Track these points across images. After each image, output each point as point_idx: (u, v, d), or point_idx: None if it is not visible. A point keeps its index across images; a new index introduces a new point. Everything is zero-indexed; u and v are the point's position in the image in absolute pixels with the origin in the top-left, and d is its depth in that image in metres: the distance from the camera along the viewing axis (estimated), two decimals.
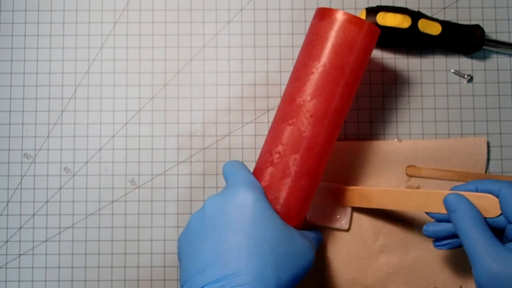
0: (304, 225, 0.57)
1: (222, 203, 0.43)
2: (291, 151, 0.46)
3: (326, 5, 0.59)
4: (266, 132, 0.59)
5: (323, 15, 0.48)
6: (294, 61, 0.59)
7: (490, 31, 0.59)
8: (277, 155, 0.47)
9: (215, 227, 0.42)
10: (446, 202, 0.45)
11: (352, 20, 0.46)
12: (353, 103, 0.58)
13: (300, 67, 0.48)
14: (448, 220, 0.46)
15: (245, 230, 0.41)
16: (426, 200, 0.48)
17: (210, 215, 0.43)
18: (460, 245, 0.46)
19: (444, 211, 0.46)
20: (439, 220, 0.47)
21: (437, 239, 0.48)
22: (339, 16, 0.46)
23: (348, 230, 0.56)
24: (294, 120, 0.46)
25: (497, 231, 0.44)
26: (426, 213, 0.48)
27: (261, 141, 0.58)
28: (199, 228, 0.43)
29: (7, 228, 0.58)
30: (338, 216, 0.56)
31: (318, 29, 0.48)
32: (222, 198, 0.44)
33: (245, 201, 0.43)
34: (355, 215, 0.57)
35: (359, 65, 0.47)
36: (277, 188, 0.46)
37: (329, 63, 0.46)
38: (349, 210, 0.56)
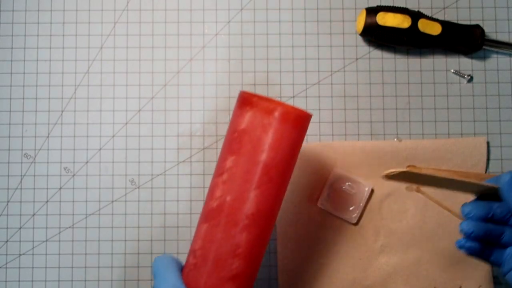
0: (313, 212, 0.57)
1: None
2: (211, 252, 0.42)
3: (326, 5, 0.59)
4: None
5: (242, 102, 0.43)
6: (294, 61, 0.59)
7: (490, 31, 0.59)
8: (199, 252, 0.43)
9: None
10: (501, 179, 0.44)
11: (269, 108, 0.41)
12: (353, 103, 0.59)
13: (220, 160, 0.44)
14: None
15: None
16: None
17: None
18: (481, 252, 0.45)
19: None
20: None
21: (463, 237, 0.46)
22: (255, 105, 0.42)
23: (356, 224, 0.57)
24: (213, 220, 0.42)
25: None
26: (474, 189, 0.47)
27: None
28: None
29: (7, 228, 0.58)
30: (351, 208, 0.56)
31: (235, 118, 0.44)
32: None
33: None
34: None
35: (283, 159, 0.42)
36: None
37: (246, 158, 0.41)
38: (362, 204, 0.56)
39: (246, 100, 0.43)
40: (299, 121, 0.43)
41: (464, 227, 0.44)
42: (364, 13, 0.56)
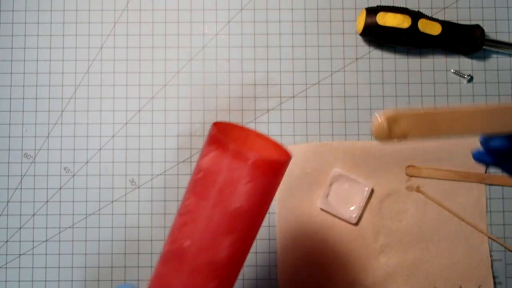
0: (313, 212, 0.57)
1: None
2: None
3: (326, 5, 0.59)
4: (266, 132, 0.59)
5: (211, 139, 0.38)
6: (294, 61, 0.59)
7: (490, 31, 0.59)
8: None
9: None
10: None
11: (240, 153, 0.37)
12: (353, 103, 0.59)
13: (184, 198, 0.40)
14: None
15: None
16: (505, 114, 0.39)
17: None
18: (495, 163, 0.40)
19: None
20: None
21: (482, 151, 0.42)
22: (225, 146, 0.37)
23: (356, 224, 0.57)
24: (172, 263, 0.39)
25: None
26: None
27: None
28: None
29: (7, 228, 0.58)
30: (351, 208, 0.56)
31: (202, 154, 0.39)
32: None
33: None
34: None
35: (251, 208, 0.38)
36: None
37: (210, 203, 0.37)
38: (362, 204, 0.56)
39: (215, 139, 0.38)
40: (273, 169, 0.38)
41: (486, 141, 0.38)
42: (364, 13, 0.56)
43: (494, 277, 0.56)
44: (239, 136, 0.42)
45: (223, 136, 0.38)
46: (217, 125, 0.40)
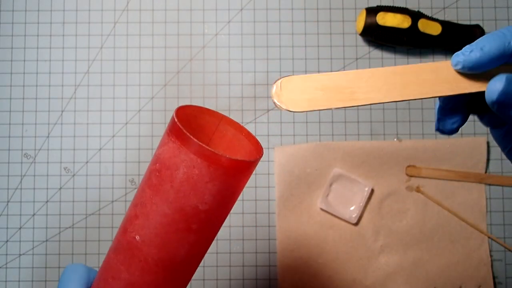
0: (313, 212, 0.57)
1: None
2: None
3: (326, 5, 0.59)
4: (266, 132, 0.59)
5: (171, 129, 0.34)
6: (294, 61, 0.59)
7: (490, 31, 0.59)
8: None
9: None
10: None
11: (200, 151, 0.32)
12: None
13: (139, 189, 0.36)
14: None
15: None
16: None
17: None
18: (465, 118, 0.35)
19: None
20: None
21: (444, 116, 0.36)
22: (185, 140, 0.33)
23: (356, 224, 0.57)
24: (121, 255, 0.36)
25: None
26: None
27: (261, 141, 0.58)
28: None
29: (7, 228, 0.58)
30: (351, 208, 0.56)
31: (160, 144, 0.36)
32: None
33: None
34: None
35: (210, 210, 0.35)
36: None
37: (164, 199, 0.34)
38: (362, 204, 0.56)
39: (175, 128, 0.34)
40: (240, 168, 0.34)
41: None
42: (364, 13, 0.56)
43: (494, 277, 0.56)
44: (207, 122, 0.38)
45: (185, 124, 0.34)
46: (181, 110, 0.35)
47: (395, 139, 0.58)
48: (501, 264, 0.57)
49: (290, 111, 0.33)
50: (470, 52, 0.31)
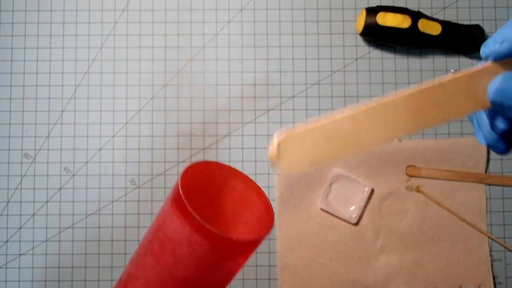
0: (313, 212, 0.57)
1: None
2: None
3: (326, 5, 0.59)
4: (266, 132, 0.59)
5: (176, 201, 0.34)
6: (294, 61, 0.59)
7: (490, 31, 0.59)
8: None
9: None
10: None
11: (203, 231, 0.32)
12: (353, 103, 0.58)
13: (139, 253, 0.37)
14: None
15: None
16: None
17: None
18: None
19: None
20: None
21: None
22: (190, 219, 0.32)
23: (356, 224, 0.57)
24: None
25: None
26: None
27: (261, 141, 0.58)
28: None
29: (7, 228, 0.58)
30: (351, 208, 0.56)
31: (166, 214, 0.35)
32: None
33: None
34: None
35: (211, 283, 0.34)
36: None
37: (165, 270, 0.34)
38: (362, 204, 0.56)
39: (179, 203, 0.33)
40: (244, 249, 0.34)
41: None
42: (364, 13, 0.56)
43: (494, 277, 0.56)
44: (216, 173, 0.36)
45: (191, 179, 0.34)
46: (186, 175, 0.34)
47: (395, 139, 0.58)
48: (501, 264, 0.57)
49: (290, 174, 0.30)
50: (501, 43, 0.29)
